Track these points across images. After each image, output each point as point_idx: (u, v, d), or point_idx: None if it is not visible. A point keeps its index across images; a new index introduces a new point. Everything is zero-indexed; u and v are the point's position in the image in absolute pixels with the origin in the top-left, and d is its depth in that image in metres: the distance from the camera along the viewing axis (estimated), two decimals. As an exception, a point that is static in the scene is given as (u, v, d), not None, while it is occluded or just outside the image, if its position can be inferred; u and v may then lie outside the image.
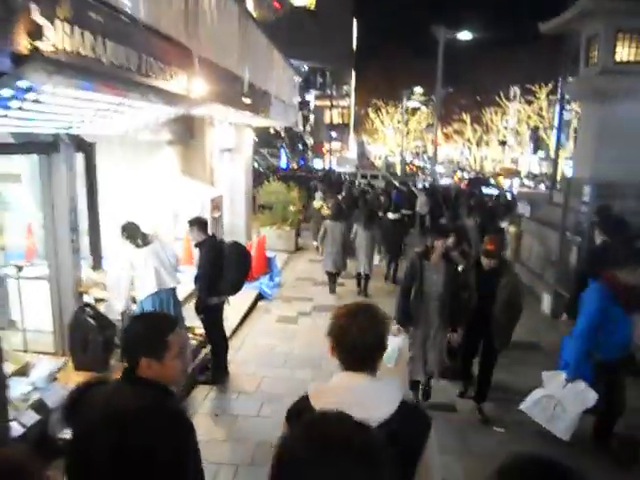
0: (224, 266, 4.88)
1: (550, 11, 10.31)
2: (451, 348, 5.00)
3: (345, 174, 32.59)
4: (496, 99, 50.20)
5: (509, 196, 22.37)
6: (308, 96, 47.88)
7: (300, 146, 45.90)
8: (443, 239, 4.74)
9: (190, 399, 5.11)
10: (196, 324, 5.81)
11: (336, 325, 1.81)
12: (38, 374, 4.39)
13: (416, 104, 47.89)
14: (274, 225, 13.19)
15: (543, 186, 38.18)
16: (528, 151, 52.91)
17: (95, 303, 5.22)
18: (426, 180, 31.52)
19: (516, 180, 44.51)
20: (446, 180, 36.70)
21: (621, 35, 8.25)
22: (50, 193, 4.81)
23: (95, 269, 5.59)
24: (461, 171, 53.84)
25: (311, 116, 49.27)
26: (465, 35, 26.63)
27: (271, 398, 5.11)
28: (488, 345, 4.83)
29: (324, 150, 48.78)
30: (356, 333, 1.75)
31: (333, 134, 48.80)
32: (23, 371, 4.48)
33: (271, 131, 32.93)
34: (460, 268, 5.05)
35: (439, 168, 33.29)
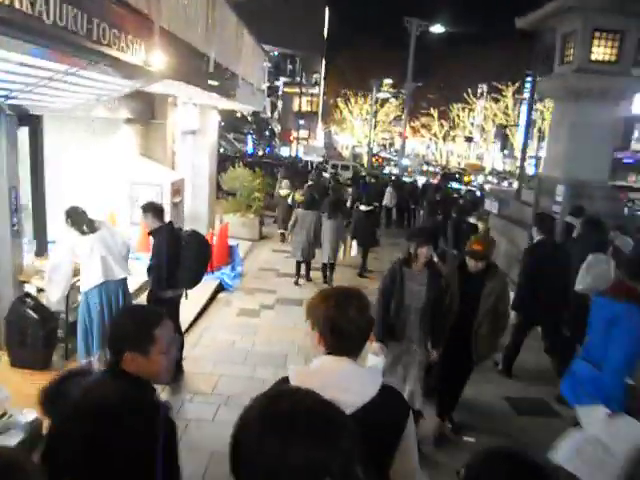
0: (181, 257, 4.47)
1: (523, 8, 10.21)
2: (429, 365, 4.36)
3: (312, 163, 32.17)
4: (464, 95, 50.70)
5: (478, 192, 22.44)
6: (277, 82, 47.14)
7: (267, 133, 45.22)
8: (429, 245, 4.06)
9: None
10: (150, 317, 5.41)
11: (325, 310, 1.76)
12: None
13: (386, 95, 47.82)
14: (238, 212, 12.79)
15: (506, 183, 38.76)
16: (494, 148, 53.71)
17: (37, 293, 4.76)
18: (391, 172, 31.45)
19: (480, 177, 45.09)
20: (418, 176, 36.37)
21: (598, 34, 8.17)
22: (-14, 169, 4.33)
23: (39, 255, 5.10)
24: (427, 165, 54.17)
25: (279, 103, 48.57)
26: (438, 28, 26.52)
27: (229, 400, 4.75)
28: (466, 356, 4.29)
29: (291, 138, 48.20)
30: (351, 318, 1.72)
31: (301, 122, 48.19)
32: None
33: (238, 115, 32.13)
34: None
35: (405, 161, 33.14)
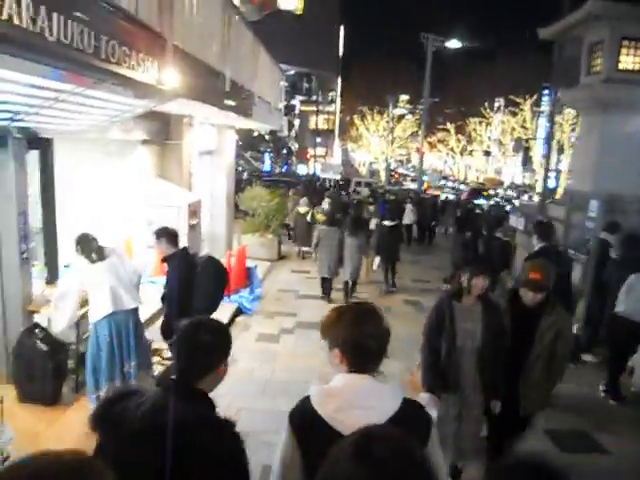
0: (196, 284, 4.23)
1: (540, 20, 9.97)
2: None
3: (329, 180, 32.00)
4: (480, 110, 50.37)
5: (508, 207, 21.81)
6: (293, 101, 47.39)
7: (284, 151, 45.35)
8: (485, 275, 3.40)
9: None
10: (164, 346, 5.17)
11: (343, 328, 1.76)
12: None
13: (403, 111, 47.73)
14: (256, 232, 12.58)
15: (526, 196, 38.06)
16: (512, 162, 53.08)
17: (47, 323, 4.56)
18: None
19: (500, 190, 44.47)
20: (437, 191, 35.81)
21: (626, 42, 7.85)
22: (-5, 195, 4.17)
23: (50, 283, 4.92)
24: (445, 180, 53.69)
25: (296, 121, 48.78)
26: (454, 43, 26.33)
27: (248, 436, 4.45)
28: (516, 408, 3.59)
29: (308, 156, 48.26)
30: (370, 333, 1.74)
31: (318, 140, 48.27)
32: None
33: (255, 134, 32.21)
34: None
35: (425, 177, 32.87)
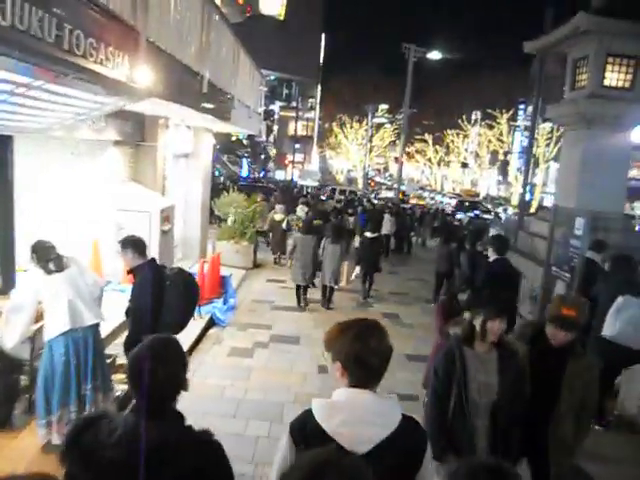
0: (165, 299, 3.89)
1: (519, 36, 9.98)
2: None
3: (307, 187, 31.78)
4: (458, 122, 50.94)
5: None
6: (273, 106, 47.13)
7: (262, 156, 45.00)
8: (502, 318, 2.83)
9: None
10: (129, 363, 4.80)
11: (347, 343, 1.77)
12: None
13: (382, 120, 47.91)
14: (231, 239, 12.22)
15: (501, 209, 38.34)
16: (489, 174, 53.68)
17: (-1, 338, 4.15)
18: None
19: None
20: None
21: (611, 59, 7.80)
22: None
23: (3, 294, 4.51)
24: (422, 190, 53.97)
25: (275, 127, 48.53)
26: (435, 55, 26.44)
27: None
28: (541, 464, 3.08)
29: (286, 162, 48.00)
30: (373, 349, 1.75)
31: (296, 146, 48.03)
32: None
33: (233, 138, 31.78)
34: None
35: (402, 186, 32.88)
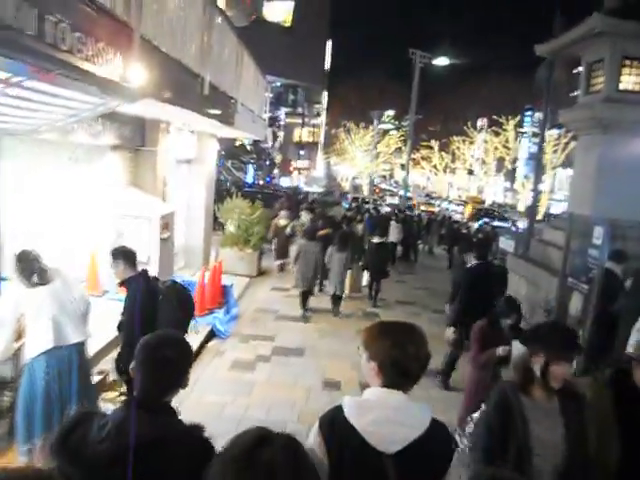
0: (158, 314, 3.63)
1: (525, 43, 9.78)
2: None
3: (313, 194, 31.53)
4: (464, 128, 50.69)
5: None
6: (278, 112, 47.04)
7: (267, 162, 44.83)
8: (568, 360, 2.28)
9: None
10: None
11: (387, 347, 1.76)
12: None
13: (388, 126, 47.68)
14: (235, 246, 11.95)
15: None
16: (495, 181, 53.31)
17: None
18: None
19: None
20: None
21: (627, 62, 7.52)
22: None
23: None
24: (428, 197, 53.58)
25: (280, 133, 48.40)
26: (441, 61, 26.20)
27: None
28: None
29: (291, 168, 47.84)
30: (411, 355, 1.74)
31: (302, 152, 47.89)
32: None
33: (236, 143, 31.57)
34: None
35: (409, 193, 32.63)
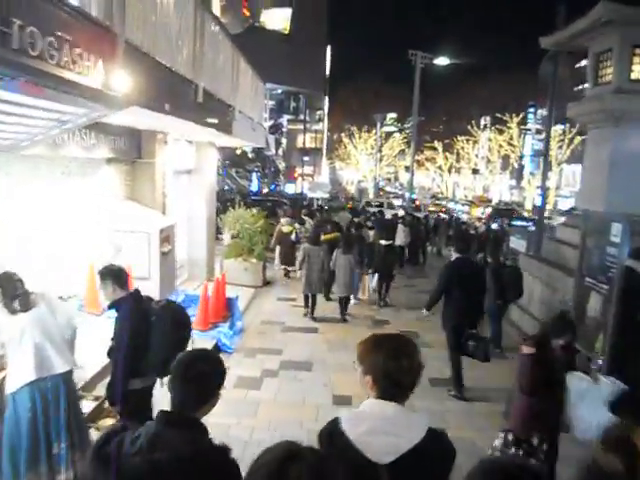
0: (151, 337, 3.38)
1: (526, 40, 9.49)
2: None
3: (317, 199, 31.22)
4: (467, 128, 50.38)
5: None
6: (281, 120, 46.93)
7: (272, 170, 44.67)
8: None
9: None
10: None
11: (380, 360, 1.81)
12: None
13: (392, 128, 47.50)
14: (239, 256, 11.72)
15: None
16: (500, 179, 52.90)
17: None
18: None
19: (489, 209, 43.85)
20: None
21: (638, 50, 7.23)
22: None
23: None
24: (434, 198, 53.21)
25: (283, 140, 48.30)
26: (442, 61, 25.94)
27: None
28: None
29: (296, 175, 47.67)
30: (404, 367, 1.78)
31: (305, 159, 47.67)
32: None
33: (237, 152, 31.35)
34: None
35: (414, 195, 32.27)
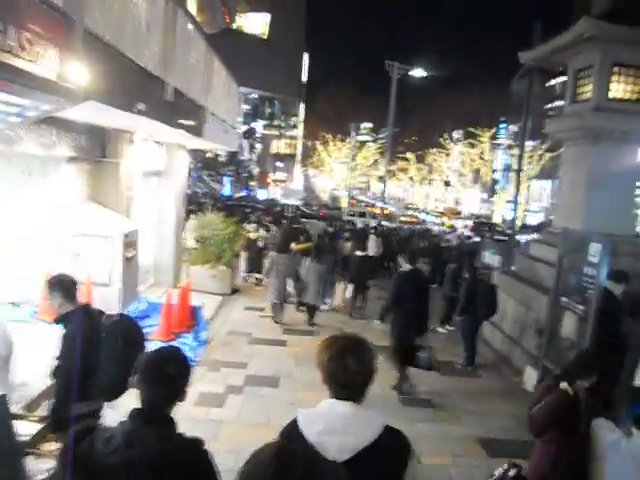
0: (100, 356, 3.04)
1: (501, 56, 9.50)
2: None
3: (289, 206, 30.99)
4: (440, 141, 51.08)
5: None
6: (255, 124, 46.64)
7: (245, 175, 44.29)
8: None
9: None
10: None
11: (326, 362, 1.83)
12: None
13: (366, 138, 47.78)
14: (207, 263, 11.31)
15: (487, 228, 37.73)
16: (472, 192, 53.63)
17: None
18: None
19: (459, 221, 44.29)
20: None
21: (617, 69, 7.21)
22: None
23: None
24: (407, 209, 53.55)
25: (258, 145, 47.98)
26: (418, 72, 26.13)
27: None
28: None
29: (269, 180, 47.37)
30: (350, 370, 1.79)
31: (279, 164, 47.49)
32: None
33: (207, 155, 30.85)
34: None
35: (388, 205, 32.35)
